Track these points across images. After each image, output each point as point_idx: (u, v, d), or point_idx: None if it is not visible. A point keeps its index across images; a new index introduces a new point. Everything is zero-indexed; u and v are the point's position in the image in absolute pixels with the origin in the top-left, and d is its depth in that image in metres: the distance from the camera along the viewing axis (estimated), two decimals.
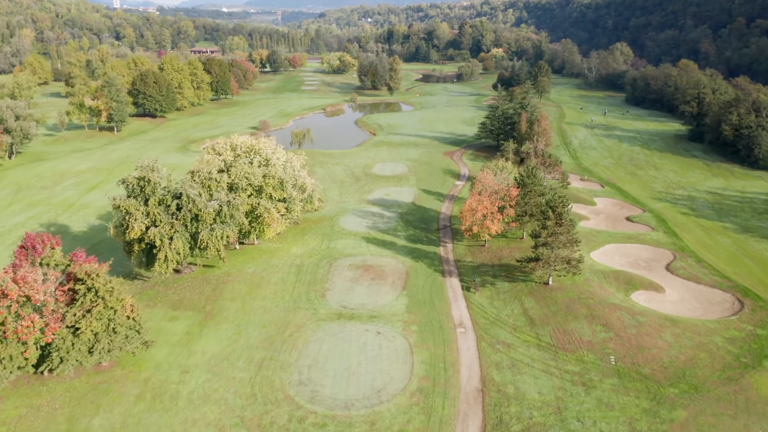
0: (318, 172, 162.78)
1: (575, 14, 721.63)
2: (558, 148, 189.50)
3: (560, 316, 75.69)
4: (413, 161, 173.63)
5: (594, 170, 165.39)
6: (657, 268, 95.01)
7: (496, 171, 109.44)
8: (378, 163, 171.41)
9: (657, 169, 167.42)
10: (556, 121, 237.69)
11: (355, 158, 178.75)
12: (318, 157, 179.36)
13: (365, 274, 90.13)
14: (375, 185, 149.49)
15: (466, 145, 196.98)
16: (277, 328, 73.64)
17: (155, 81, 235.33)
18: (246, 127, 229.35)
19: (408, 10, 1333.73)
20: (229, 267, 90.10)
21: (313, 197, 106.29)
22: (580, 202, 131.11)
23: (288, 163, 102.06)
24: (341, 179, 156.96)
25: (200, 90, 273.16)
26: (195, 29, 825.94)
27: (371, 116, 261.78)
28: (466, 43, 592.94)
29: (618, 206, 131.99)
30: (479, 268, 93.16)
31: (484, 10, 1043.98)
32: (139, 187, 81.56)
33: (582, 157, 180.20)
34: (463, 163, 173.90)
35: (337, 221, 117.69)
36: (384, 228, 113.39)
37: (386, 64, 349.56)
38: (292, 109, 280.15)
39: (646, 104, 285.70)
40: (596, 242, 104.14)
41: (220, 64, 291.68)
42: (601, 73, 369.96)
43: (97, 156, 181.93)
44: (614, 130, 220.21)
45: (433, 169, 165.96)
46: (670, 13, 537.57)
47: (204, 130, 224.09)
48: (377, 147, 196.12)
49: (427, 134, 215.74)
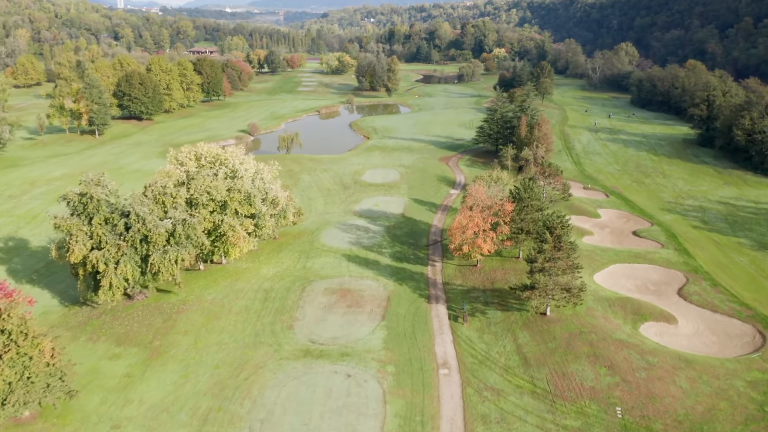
0: (304, 180, 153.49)
1: (579, 14, 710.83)
2: (560, 154, 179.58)
3: (559, 354, 65.85)
4: (406, 168, 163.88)
5: (598, 178, 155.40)
6: (668, 293, 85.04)
7: (490, 183, 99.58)
8: (369, 170, 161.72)
9: (665, 176, 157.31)
10: (559, 124, 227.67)
11: (345, 164, 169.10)
12: (306, 163, 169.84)
13: (341, 301, 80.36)
14: (364, 194, 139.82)
15: (464, 150, 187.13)
16: (231, 369, 63.93)
17: (141, 82, 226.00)
18: (235, 131, 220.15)
19: (411, 10, 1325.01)
20: (187, 293, 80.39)
21: (287, 212, 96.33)
22: (583, 214, 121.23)
23: (258, 175, 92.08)
24: (328, 187, 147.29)
25: (190, 91, 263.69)
26: (195, 29, 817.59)
27: (366, 119, 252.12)
28: (468, 43, 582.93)
29: (624, 219, 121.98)
30: (469, 293, 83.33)
31: (487, 10, 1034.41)
32: (82, 204, 72.00)
33: (585, 164, 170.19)
34: (459, 169, 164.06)
35: (318, 236, 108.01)
36: (368, 244, 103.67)
37: (384, 64, 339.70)
38: (285, 111, 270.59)
39: (652, 106, 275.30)
40: (600, 262, 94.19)
41: (212, 64, 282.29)
42: (606, 73, 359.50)
43: (73, 162, 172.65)
44: (619, 134, 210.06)
45: (427, 176, 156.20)
46: (676, 12, 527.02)
47: (190, 134, 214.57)
48: (370, 152, 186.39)
49: (422, 138, 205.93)
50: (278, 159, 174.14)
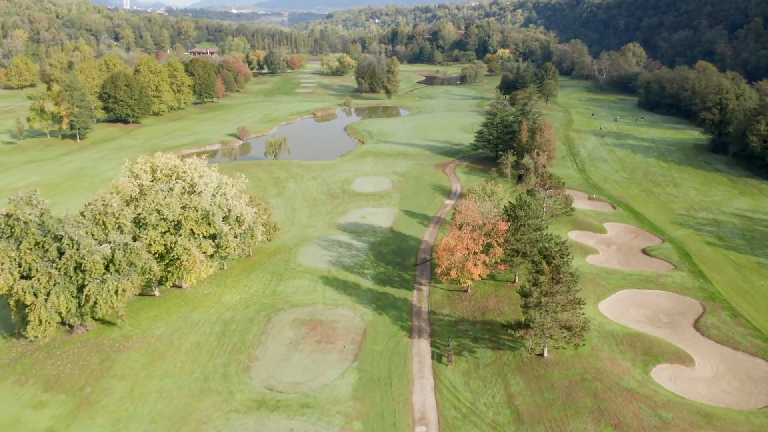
0: (290, 188, 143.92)
1: (586, 14, 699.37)
2: (564, 160, 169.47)
3: (557, 408, 55.95)
4: (400, 175, 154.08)
5: (604, 187, 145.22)
6: (683, 326, 74.97)
7: (483, 197, 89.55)
8: (360, 178, 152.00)
9: (676, 185, 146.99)
10: (563, 128, 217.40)
11: (335, 171, 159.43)
12: (293, 169, 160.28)
13: (310, 335, 70.59)
14: (351, 205, 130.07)
15: (462, 156, 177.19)
16: (170, 424, 54.28)
17: (127, 84, 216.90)
18: (224, 134, 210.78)
19: (416, 10, 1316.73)
20: (133, 326, 70.73)
21: (254, 230, 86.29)
22: (588, 228, 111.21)
23: (220, 190, 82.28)
24: (314, 197, 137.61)
25: (181, 93, 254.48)
26: (197, 30, 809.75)
27: (363, 122, 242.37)
28: (472, 44, 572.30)
29: (632, 234, 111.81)
30: (457, 325, 73.47)
31: (492, 11, 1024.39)
32: (8, 226, 62.46)
33: (591, 171, 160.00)
34: (456, 177, 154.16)
35: (296, 254, 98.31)
36: (349, 264, 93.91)
37: (384, 65, 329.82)
38: (279, 114, 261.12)
39: (660, 109, 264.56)
40: (606, 287, 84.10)
41: (204, 65, 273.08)
42: (612, 75, 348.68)
43: (48, 168, 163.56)
44: (627, 139, 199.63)
45: (422, 184, 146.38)
46: (684, 13, 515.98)
47: (177, 138, 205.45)
48: (362, 158, 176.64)
49: (419, 143, 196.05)
50: (265, 165, 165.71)
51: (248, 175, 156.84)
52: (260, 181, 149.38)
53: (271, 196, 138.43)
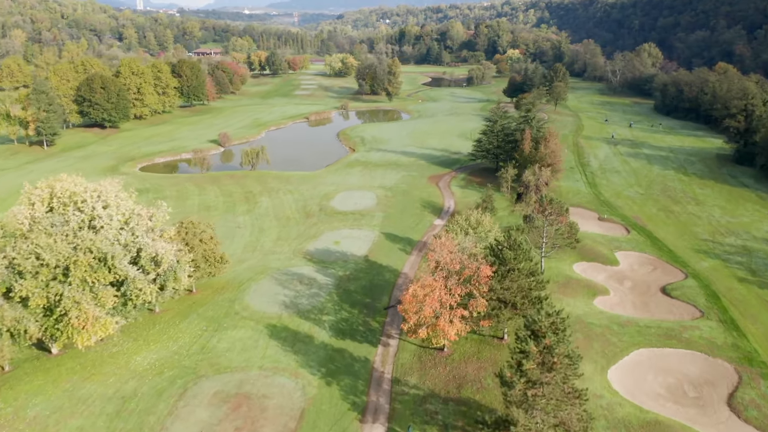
0: (262, 205, 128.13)
1: (599, 14, 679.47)
2: (572, 172, 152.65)
3: None
4: (387, 190, 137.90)
5: (616, 204, 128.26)
6: (714, 403, 58.29)
7: (467, 229, 72.90)
8: (342, 192, 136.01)
9: (698, 203, 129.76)
10: (572, 134, 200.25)
11: (316, 184, 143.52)
12: (270, 182, 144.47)
13: (230, 418, 54.46)
14: (326, 226, 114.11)
15: (459, 167, 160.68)
16: None
17: (103, 86, 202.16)
18: (205, 141, 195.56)
19: (427, 11, 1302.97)
20: (6, 401, 54.86)
21: (177, 273, 70.07)
22: (597, 259, 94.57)
23: (130, 224, 66.21)
24: (287, 215, 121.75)
25: (166, 96, 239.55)
26: (204, 30, 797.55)
27: (357, 127, 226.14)
28: (481, 44, 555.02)
29: (649, 266, 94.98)
30: (425, 402, 57.20)
31: (504, 11, 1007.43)
32: None
33: (602, 185, 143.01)
34: (450, 192, 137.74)
35: (246, 291, 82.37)
36: (306, 306, 77.86)
37: (385, 66, 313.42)
38: (270, 118, 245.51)
39: (678, 114, 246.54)
40: (619, 345, 67.41)
41: (192, 66, 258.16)
42: (627, 76, 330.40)
43: (6, 180, 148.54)
44: (642, 148, 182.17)
45: (410, 200, 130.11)
46: (701, 12, 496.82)
47: (154, 144, 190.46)
48: (349, 168, 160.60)
49: (414, 151, 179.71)
50: (239, 177, 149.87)
51: (219, 189, 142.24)
52: (230, 196, 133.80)
53: (239, 213, 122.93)
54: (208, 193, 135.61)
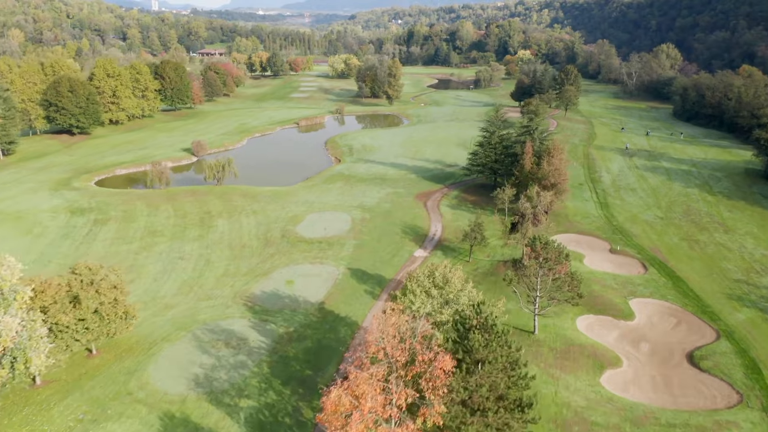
0: (218, 228, 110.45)
1: (615, 14, 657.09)
2: (581, 189, 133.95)
3: None
4: (366, 210, 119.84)
5: (631, 231, 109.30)
6: None
7: (429, 289, 54.06)
8: (312, 214, 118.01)
9: (727, 230, 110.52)
10: (583, 144, 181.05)
11: (286, 202, 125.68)
12: (235, 200, 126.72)
13: None
14: (284, 258, 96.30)
15: (453, 183, 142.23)
16: None
17: (71, 90, 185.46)
18: (179, 149, 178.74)
19: (439, 11, 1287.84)
20: None
21: (27, 352, 52.05)
22: (606, 311, 76.01)
23: None
24: (243, 243, 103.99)
25: (145, 99, 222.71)
26: (212, 31, 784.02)
27: (347, 134, 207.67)
28: (491, 45, 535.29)
29: (672, 319, 76.19)
30: None
31: (518, 11, 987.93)
32: None
33: (615, 206, 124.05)
34: (439, 214, 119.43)
35: (153, 358, 64.66)
36: (224, 384, 59.97)
37: (386, 68, 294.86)
38: (257, 123, 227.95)
39: (699, 120, 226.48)
40: None
41: (176, 67, 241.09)
42: (644, 79, 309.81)
43: None
44: (661, 160, 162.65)
45: (391, 224, 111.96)
46: (720, 13, 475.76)
47: (120, 153, 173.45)
48: (329, 183, 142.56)
49: (405, 163, 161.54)
50: (201, 194, 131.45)
51: (173, 209, 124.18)
52: (184, 218, 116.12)
53: (188, 240, 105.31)
54: (159, 214, 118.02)
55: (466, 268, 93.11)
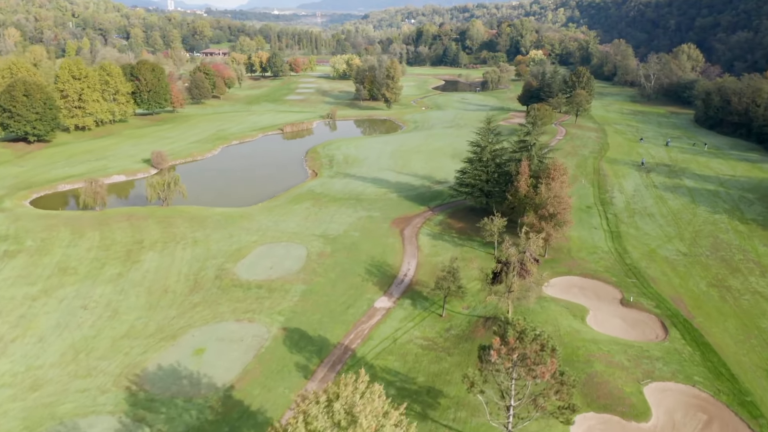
0: (143, 265, 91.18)
1: (633, 13, 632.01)
2: (589, 214, 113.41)
3: None
4: (329, 241, 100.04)
5: (648, 273, 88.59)
6: None
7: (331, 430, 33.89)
8: (263, 246, 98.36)
9: (764, 272, 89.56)
10: (593, 157, 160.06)
11: (237, 229, 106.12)
12: (177, 225, 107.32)
13: None
14: (209, 310, 76.80)
15: (439, 204, 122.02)
16: None
17: (26, 94, 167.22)
18: (139, 159, 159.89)
19: (453, 10, 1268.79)
20: None
21: None
22: (613, 407, 55.78)
23: None
24: (167, 286, 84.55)
25: (116, 103, 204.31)
26: (218, 30, 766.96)
27: (332, 143, 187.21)
28: (503, 45, 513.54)
29: (700, 418, 55.66)
30: None
31: (533, 10, 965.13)
32: None
33: (628, 237, 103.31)
34: (416, 246, 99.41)
35: None
36: None
37: (384, 70, 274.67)
38: (238, 129, 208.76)
39: (724, 128, 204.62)
40: None
41: (154, 68, 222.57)
42: (662, 82, 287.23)
43: None
44: (682, 177, 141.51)
45: (354, 261, 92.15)
46: (742, 12, 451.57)
47: (73, 165, 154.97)
48: (295, 204, 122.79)
49: (389, 178, 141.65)
50: (139, 218, 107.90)
51: (100, 237, 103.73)
52: (107, 250, 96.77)
53: (103, 281, 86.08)
54: (81, 244, 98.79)
55: (435, 326, 73.21)
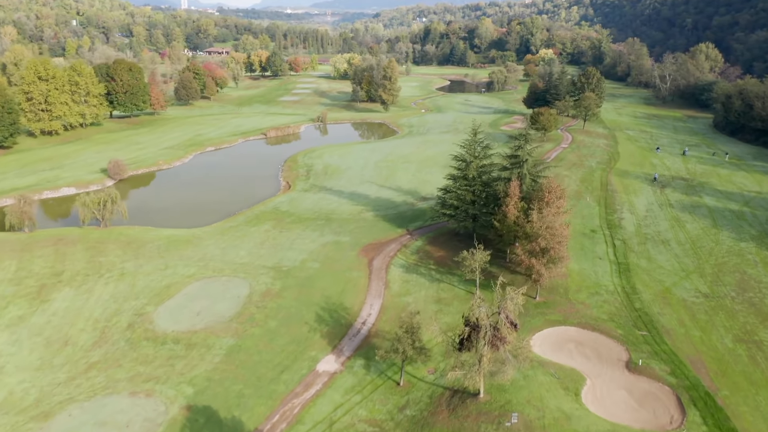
0: (51, 305, 75.73)
1: (648, 11, 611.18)
2: (593, 240, 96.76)
3: None
4: (281, 275, 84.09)
5: (661, 322, 71.85)
6: None
7: None
8: (199, 280, 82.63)
9: None
10: (602, 168, 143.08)
11: (177, 257, 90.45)
12: (109, 251, 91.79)
13: None
14: (104, 375, 61.19)
15: (420, 227, 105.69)
16: None
17: None
18: (97, 169, 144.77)
19: (465, 8, 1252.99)
20: None
21: None
22: None
23: None
24: (69, 337, 68.97)
25: (87, 105, 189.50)
26: (224, 28, 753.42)
27: (316, 150, 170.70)
28: (512, 43, 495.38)
29: None
30: None
31: (546, 8, 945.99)
32: None
33: (638, 271, 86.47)
34: (384, 281, 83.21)
35: None
36: None
37: (381, 70, 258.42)
38: (216, 134, 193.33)
39: (746, 135, 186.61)
40: None
41: (131, 68, 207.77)
42: (679, 83, 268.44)
43: None
44: (702, 194, 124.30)
45: (305, 302, 76.15)
46: (761, 11, 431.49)
47: (23, 175, 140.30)
48: (253, 225, 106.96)
49: (370, 193, 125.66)
50: (67, 243, 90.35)
51: (17, 266, 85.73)
52: (19, 284, 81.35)
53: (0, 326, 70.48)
54: None
55: (389, 401, 57.15)
